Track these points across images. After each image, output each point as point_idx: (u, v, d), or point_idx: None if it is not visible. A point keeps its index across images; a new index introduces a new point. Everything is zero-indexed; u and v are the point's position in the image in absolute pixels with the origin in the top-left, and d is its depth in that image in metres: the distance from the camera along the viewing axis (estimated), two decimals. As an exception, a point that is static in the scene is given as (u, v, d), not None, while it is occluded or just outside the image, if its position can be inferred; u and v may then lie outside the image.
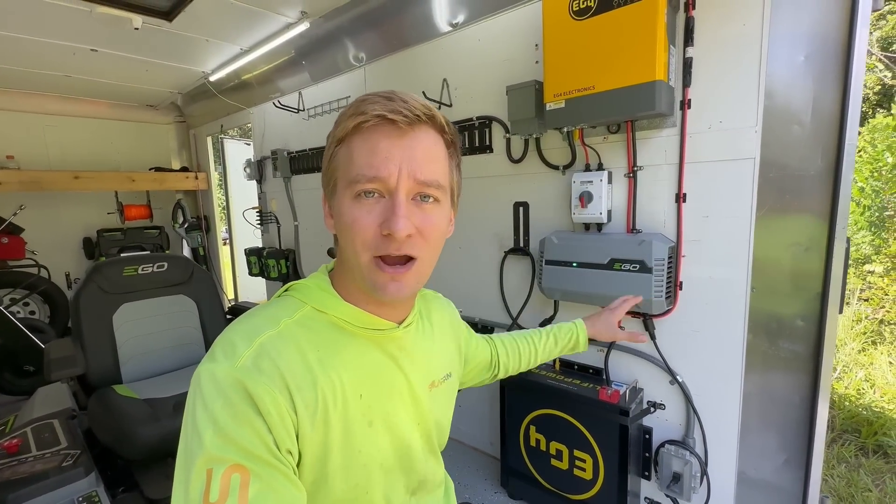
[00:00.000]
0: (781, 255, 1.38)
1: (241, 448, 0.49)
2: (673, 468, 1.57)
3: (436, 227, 0.60)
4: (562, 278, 1.69)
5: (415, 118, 0.56)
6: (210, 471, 0.48)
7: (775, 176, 1.34)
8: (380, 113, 0.55)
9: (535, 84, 1.67)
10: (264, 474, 0.50)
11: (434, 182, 0.58)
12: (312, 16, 2.37)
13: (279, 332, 0.58)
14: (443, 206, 0.61)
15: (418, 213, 0.58)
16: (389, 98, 0.56)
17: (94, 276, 1.82)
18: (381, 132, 0.56)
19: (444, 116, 0.61)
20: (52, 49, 2.75)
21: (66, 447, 1.36)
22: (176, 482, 0.51)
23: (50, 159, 3.91)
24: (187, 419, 0.53)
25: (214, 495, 0.47)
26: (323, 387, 0.57)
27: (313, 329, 0.61)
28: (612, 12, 1.37)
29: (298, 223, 3.32)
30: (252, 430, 0.50)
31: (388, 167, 0.55)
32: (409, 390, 0.68)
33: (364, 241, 0.57)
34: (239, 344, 0.55)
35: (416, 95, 0.58)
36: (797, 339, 1.39)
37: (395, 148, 0.56)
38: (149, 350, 1.88)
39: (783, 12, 1.26)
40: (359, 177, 0.56)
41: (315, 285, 0.65)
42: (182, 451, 0.52)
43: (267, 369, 0.53)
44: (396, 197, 0.56)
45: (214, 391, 0.52)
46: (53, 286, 3.76)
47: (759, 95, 1.30)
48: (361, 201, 0.57)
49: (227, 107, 3.72)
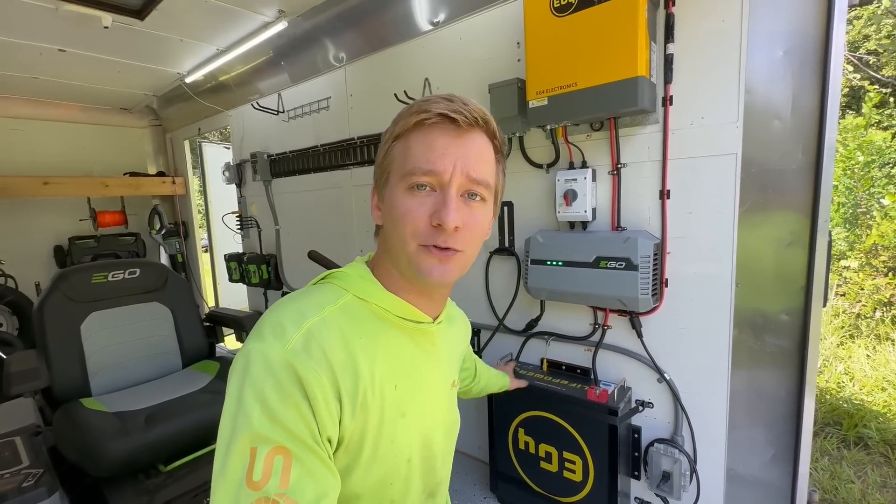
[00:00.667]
0: (765, 250, 1.38)
1: (286, 430, 0.50)
2: (662, 467, 1.56)
3: (480, 225, 0.64)
4: (548, 278, 1.67)
5: (473, 120, 0.60)
6: (255, 450, 0.49)
7: (757, 171, 1.34)
8: (442, 112, 0.59)
9: (518, 82, 1.65)
10: (306, 459, 0.50)
11: (484, 181, 0.62)
12: (290, 14, 2.33)
13: (323, 318, 0.59)
14: (488, 206, 0.65)
15: (466, 209, 0.61)
16: (450, 99, 0.60)
17: (59, 284, 1.72)
18: (440, 130, 0.60)
19: (496, 124, 0.65)
20: (17, 49, 2.63)
21: (28, 466, 1.28)
22: (218, 456, 0.51)
23: (17, 165, 3.75)
24: (231, 397, 0.53)
25: (258, 475, 0.48)
26: (363, 375, 0.58)
27: (355, 317, 0.62)
28: (592, 8, 1.36)
29: (280, 227, 3.25)
30: (298, 413, 0.51)
31: (443, 162, 0.59)
32: (438, 385, 0.71)
33: (414, 230, 0.59)
34: (288, 326, 0.56)
35: (473, 100, 0.62)
36: (782, 333, 1.39)
37: (452, 146, 0.59)
38: (120, 361, 1.79)
39: (761, 8, 1.27)
40: (415, 169, 0.59)
41: (356, 274, 0.66)
42: (226, 427, 0.51)
43: (316, 354, 0.54)
44: (449, 191, 0.59)
45: (265, 371, 0.52)
46: (22, 296, 3.61)
47: (739, 91, 1.31)
48: (414, 193, 0.60)
49: (205, 109, 3.62)
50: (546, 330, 1.86)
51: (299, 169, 2.93)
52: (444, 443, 0.74)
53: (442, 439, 0.73)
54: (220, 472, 0.49)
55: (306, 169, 2.87)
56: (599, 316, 1.70)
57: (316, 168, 2.80)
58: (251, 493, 0.47)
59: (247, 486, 0.47)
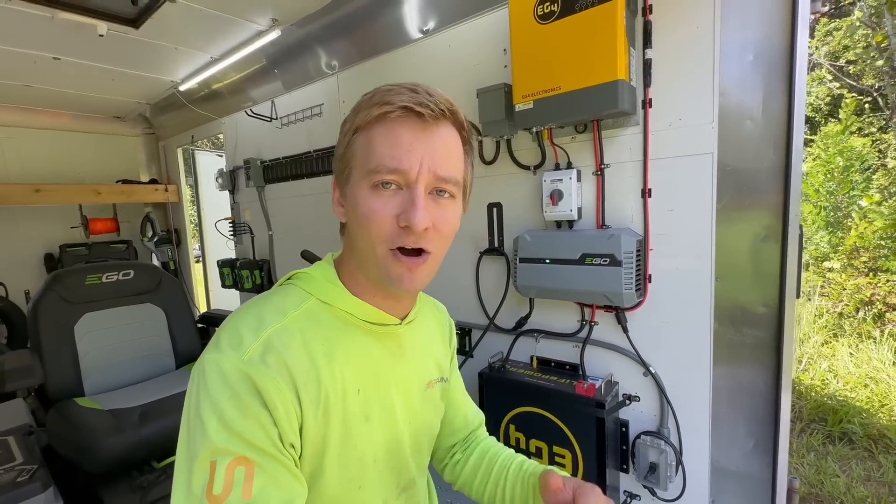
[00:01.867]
0: (742, 245, 1.44)
1: (246, 441, 0.49)
2: (649, 458, 1.59)
3: (450, 223, 0.61)
4: (536, 275, 1.72)
5: (440, 112, 0.56)
6: (214, 463, 0.47)
7: (732, 170, 1.40)
8: (406, 105, 0.55)
9: (505, 87, 1.71)
10: (269, 467, 0.49)
11: (452, 178, 0.59)
12: (284, 23, 2.38)
13: (284, 324, 0.57)
14: (457, 201, 0.62)
15: (434, 207, 0.58)
16: (414, 90, 0.56)
17: (53, 285, 1.74)
18: (404, 124, 0.56)
19: (463, 113, 0.61)
20: (11, 57, 2.66)
21: (22, 463, 1.29)
22: (177, 473, 0.50)
23: (8, 173, 3.75)
24: (189, 410, 0.52)
25: (218, 488, 0.46)
26: (326, 381, 0.57)
27: (318, 322, 0.60)
28: (574, 16, 1.43)
29: (273, 233, 3.27)
30: (258, 423, 0.50)
31: (409, 160, 0.55)
32: (406, 387, 0.68)
33: (380, 233, 0.56)
34: (246, 335, 0.54)
35: (439, 89, 0.58)
36: (760, 324, 1.44)
37: (418, 141, 0.56)
38: (113, 361, 1.81)
39: (732, 16, 1.34)
40: (379, 167, 0.55)
41: (322, 276, 0.64)
42: (184, 442, 0.51)
43: (273, 364, 0.53)
44: (416, 190, 0.56)
45: (220, 383, 0.51)
46: (11, 304, 3.58)
47: (714, 93, 1.37)
48: (379, 192, 0.56)
49: (198, 117, 3.66)
50: (535, 328, 1.90)
51: (292, 174, 2.97)
52: (413, 441, 0.71)
53: (410, 440, 0.70)
54: (178, 488, 0.49)
55: (299, 174, 2.91)
56: (587, 312, 1.74)
57: (309, 173, 2.85)
58: None
59: (207, 500, 0.46)
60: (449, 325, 0.88)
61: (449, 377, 0.81)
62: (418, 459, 0.74)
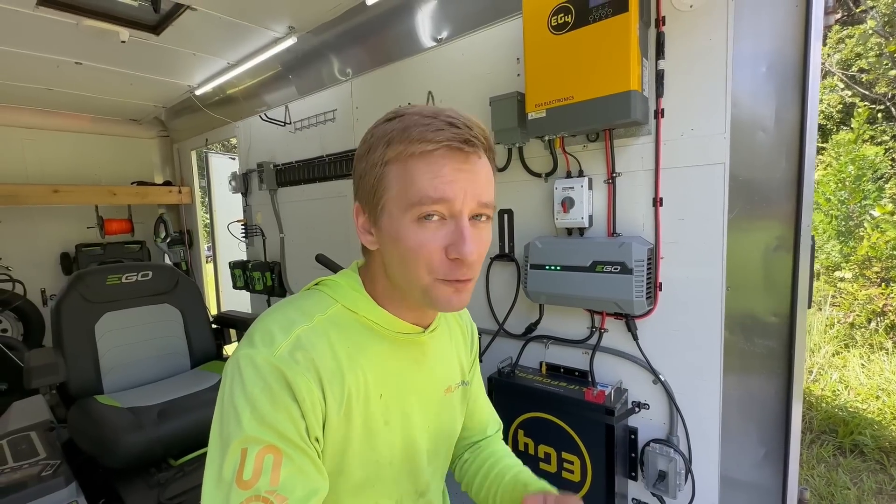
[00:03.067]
0: (753, 254, 1.45)
1: (276, 431, 0.51)
2: (658, 466, 1.60)
3: (487, 246, 0.62)
4: (546, 282, 1.73)
5: (479, 144, 0.58)
6: (245, 450, 0.50)
7: (744, 179, 1.41)
8: (451, 144, 0.55)
9: (517, 95, 1.74)
10: (296, 458, 0.52)
11: (491, 203, 0.61)
12: (300, 31, 2.43)
13: (312, 326, 0.60)
14: (489, 223, 0.63)
15: (477, 234, 0.59)
16: (453, 124, 0.56)
17: (76, 285, 1.79)
18: (446, 156, 0.56)
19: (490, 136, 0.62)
20: (36, 62, 2.73)
21: (45, 458, 1.32)
22: (209, 461, 0.53)
23: (28, 173, 3.84)
24: (223, 401, 0.54)
25: (248, 474, 0.49)
26: (349, 382, 0.59)
27: (343, 327, 0.62)
28: (588, 27, 1.45)
29: (284, 235, 3.32)
30: (288, 414, 0.53)
31: (453, 189, 0.56)
32: (426, 394, 0.70)
33: (429, 265, 0.57)
34: (277, 334, 0.57)
35: (472, 117, 0.59)
36: (771, 334, 1.45)
37: (460, 172, 0.56)
38: (132, 360, 1.85)
39: (745, 28, 1.36)
40: (424, 199, 0.55)
41: (347, 285, 0.66)
42: (216, 431, 0.53)
43: (302, 360, 0.56)
44: (462, 221, 0.57)
45: (254, 375, 0.53)
46: (28, 303, 3.66)
47: (726, 104, 1.39)
48: (424, 225, 0.56)
49: (213, 121, 3.72)
50: (545, 334, 1.91)
51: (305, 178, 3.02)
52: (431, 446, 0.73)
53: (427, 444, 0.72)
54: (209, 474, 0.51)
55: (311, 178, 2.95)
56: (596, 319, 1.75)
57: (321, 177, 2.89)
58: (241, 492, 0.48)
59: (237, 485, 0.49)
60: (471, 327, 0.89)
61: (470, 380, 0.83)
62: (435, 464, 0.76)
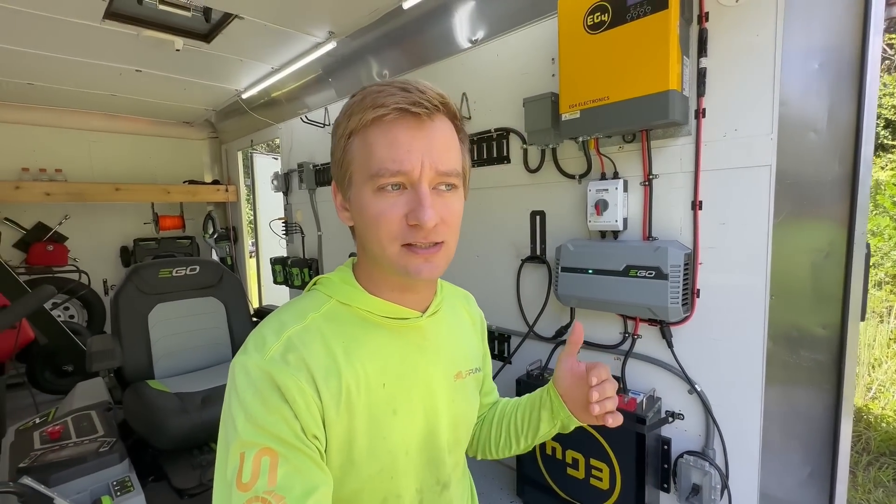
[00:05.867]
0: (801, 261, 1.37)
1: (270, 433, 0.53)
2: (692, 479, 1.54)
3: (456, 214, 0.62)
4: (577, 285, 1.71)
5: (433, 108, 0.57)
6: (243, 454, 0.52)
7: (792, 182, 1.34)
8: (401, 106, 0.55)
9: (552, 96, 1.72)
10: (292, 457, 0.53)
11: (453, 171, 0.59)
12: (339, 35, 2.51)
13: (305, 326, 0.61)
14: (459, 191, 0.63)
15: (440, 201, 0.59)
16: (406, 89, 0.56)
17: (132, 277, 1.94)
18: (400, 124, 0.56)
19: (453, 102, 0.62)
20: (102, 70, 2.97)
21: (103, 435, 1.45)
22: (216, 462, 0.56)
23: (94, 172, 4.18)
24: (224, 407, 0.57)
25: (247, 476, 0.51)
26: (346, 376, 0.60)
27: (338, 322, 0.63)
28: (625, 26, 1.42)
29: (322, 233, 3.43)
30: (280, 417, 0.54)
31: (410, 160, 0.56)
32: (433, 380, 0.69)
33: (390, 233, 0.58)
34: (269, 338, 0.59)
35: (428, 83, 0.59)
36: (819, 347, 1.36)
37: (416, 140, 0.57)
38: (180, 348, 1.98)
39: (796, 22, 1.29)
40: (381, 170, 0.56)
41: (339, 279, 0.68)
42: (221, 435, 0.56)
43: (293, 361, 0.57)
44: (421, 188, 0.57)
45: (246, 382, 0.56)
46: (92, 292, 3.97)
47: (773, 103, 1.32)
48: (384, 194, 0.57)
49: (258, 122, 3.90)
50: (575, 337, 1.88)
51: (342, 178, 3.10)
52: (451, 436, 0.72)
53: (447, 432, 0.71)
54: (216, 477, 0.54)
55: (349, 178, 3.04)
56: (629, 325, 1.71)
57: (357, 177, 2.96)
58: (241, 494, 0.50)
59: (237, 488, 0.51)
60: (479, 315, 0.89)
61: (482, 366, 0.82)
62: (457, 455, 0.76)
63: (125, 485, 1.28)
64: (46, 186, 3.60)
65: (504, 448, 0.84)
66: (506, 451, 0.84)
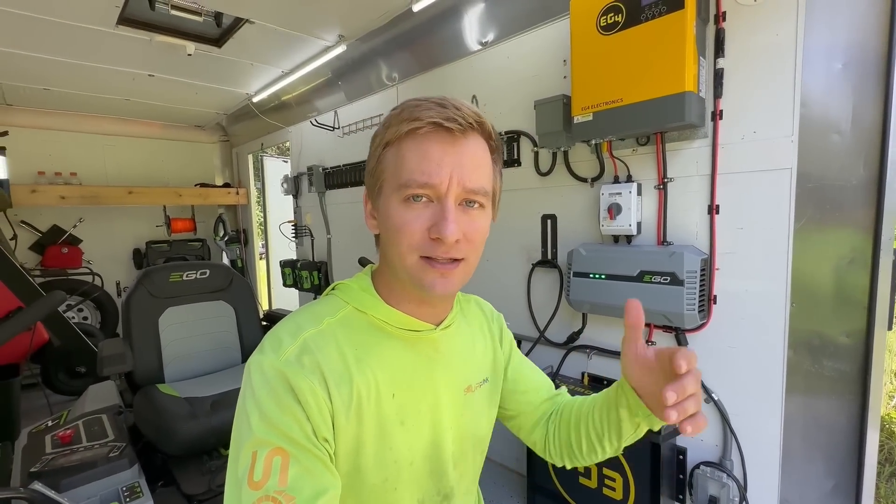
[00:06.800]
0: (823, 268, 1.32)
1: (282, 433, 0.53)
2: (709, 491, 1.50)
3: (480, 232, 0.62)
4: (590, 290, 1.68)
5: (467, 126, 0.58)
6: (255, 453, 0.53)
7: (814, 186, 1.30)
8: (435, 120, 0.56)
9: (563, 98, 1.69)
10: (303, 458, 0.53)
11: (481, 189, 0.60)
12: (349, 39, 2.50)
13: (321, 330, 0.62)
14: (486, 211, 0.63)
15: (465, 218, 0.59)
16: (443, 105, 0.58)
17: (143, 281, 1.95)
18: (433, 138, 0.58)
19: (491, 123, 0.62)
20: (115, 75, 3.01)
21: (113, 439, 1.45)
22: (229, 461, 0.56)
23: (108, 176, 4.23)
24: (239, 405, 0.57)
25: (258, 475, 0.51)
26: (358, 383, 0.60)
27: (353, 328, 0.64)
28: (639, 27, 1.39)
29: (331, 236, 3.43)
30: (293, 417, 0.54)
31: (439, 174, 0.57)
32: (443, 393, 0.69)
33: (411, 244, 0.58)
34: (285, 339, 0.59)
35: (466, 102, 0.60)
36: (842, 357, 1.31)
37: (447, 155, 0.58)
38: (190, 352, 1.99)
39: (818, 21, 1.25)
40: (410, 181, 0.57)
41: (357, 286, 0.68)
42: (234, 433, 0.56)
43: (307, 363, 0.57)
44: (446, 203, 0.57)
45: (261, 380, 0.56)
46: (105, 294, 4.02)
47: (794, 105, 1.28)
48: (410, 205, 0.58)
49: (268, 126, 3.93)
50: (587, 343, 1.85)
51: (351, 181, 3.11)
52: (457, 448, 0.71)
53: (453, 445, 0.70)
54: (228, 475, 0.54)
55: (358, 182, 3.04)
56: (644, 331, 1.67)
57: (367, 181, 2.96)
58: (252, 492, 0.51)
59: (248, 486, 0.51)
60: (497, 319, 0.85)
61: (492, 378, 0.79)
62: (462, 468, 0.74)
63: (134, 490, 1.28)
64: (62, 190, 3.66)
65: (590, 454, 0.75)
66: (592, 458, 0.75)
